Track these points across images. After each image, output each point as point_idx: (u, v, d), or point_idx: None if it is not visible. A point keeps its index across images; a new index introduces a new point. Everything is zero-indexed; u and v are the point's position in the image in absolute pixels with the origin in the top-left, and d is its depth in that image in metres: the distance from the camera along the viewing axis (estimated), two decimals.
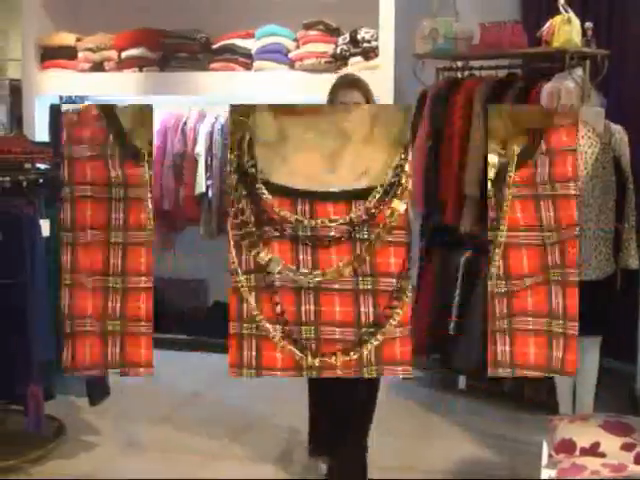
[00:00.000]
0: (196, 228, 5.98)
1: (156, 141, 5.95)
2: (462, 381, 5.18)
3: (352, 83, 3.66)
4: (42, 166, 4.34)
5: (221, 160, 5.78)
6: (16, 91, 7.46)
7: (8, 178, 4.01)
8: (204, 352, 5.93)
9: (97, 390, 4.40)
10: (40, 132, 6.21)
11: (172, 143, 5.95)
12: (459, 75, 5.34)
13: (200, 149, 5.85)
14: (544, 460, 3.21)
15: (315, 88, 5.54)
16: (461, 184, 4.95)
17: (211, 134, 5.88)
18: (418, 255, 5.33)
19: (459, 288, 5.07)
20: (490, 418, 4.82)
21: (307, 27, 5.73)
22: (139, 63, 6.01)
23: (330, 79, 5.40)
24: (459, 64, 5.38)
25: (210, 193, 5.86)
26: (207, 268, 6.31)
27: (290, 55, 5.76)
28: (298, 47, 5.77)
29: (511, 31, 4.97)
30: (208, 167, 5.85)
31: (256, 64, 5.83)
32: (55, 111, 6.34)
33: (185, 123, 5.98)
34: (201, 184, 5.82)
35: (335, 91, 3.68)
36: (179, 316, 6.30)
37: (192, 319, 6.31)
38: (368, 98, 3.60)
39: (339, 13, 5.70)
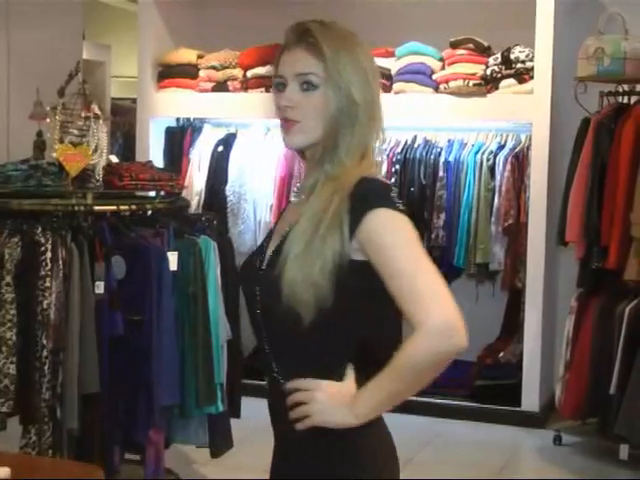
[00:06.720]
0: None
1: None
2: (624, 450, 4.70)
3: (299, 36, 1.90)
4: (169, 195, 4.16)
5: None
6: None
7: (134, 207, 3.86)
8: None
9: (221, 441, 4.09)
10: (154, 157, 5.80)
11: None
12: (627, 100, 5.02)
13: None
14: None
15: (461, 113, 5.41)
16: (627, 225, 4.67)
17: None
18: (575, 304, 5.03)
19: (623, 342, 4.74)
20: None
21: (455, 45, 5.42)
22: (266, 83, 5.68)
23: (478, 104, 5.31)
24: (627, 88, 5.04)
25: None
26: None
27: (435, 77, 5.45)
28: (444, 68, 5.47)
29: None
30: None
31: (396, 86, 5.50)
32: (171, 135, 6.04)
33: None
34: None
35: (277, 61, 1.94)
36: None
37: None
38: (327, 63, 1.84)
39: (490, 30, 5.45)
